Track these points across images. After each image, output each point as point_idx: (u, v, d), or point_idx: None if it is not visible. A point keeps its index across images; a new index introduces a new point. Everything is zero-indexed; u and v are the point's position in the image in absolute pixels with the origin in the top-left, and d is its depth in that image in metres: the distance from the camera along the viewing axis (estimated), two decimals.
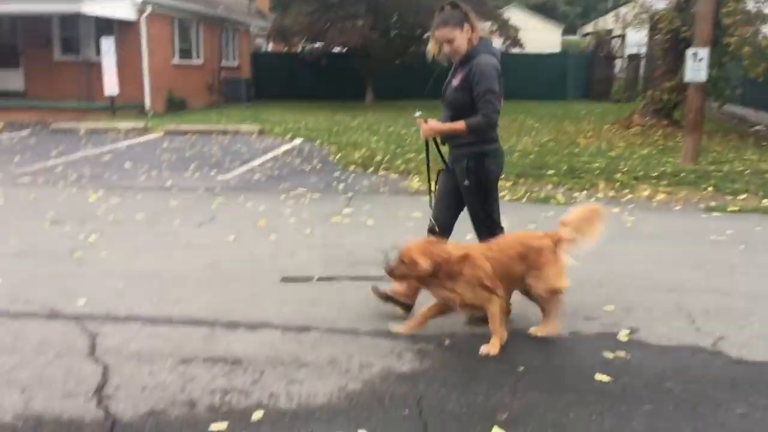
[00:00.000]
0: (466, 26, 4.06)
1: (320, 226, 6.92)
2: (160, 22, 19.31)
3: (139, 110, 18.52)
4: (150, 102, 18.73)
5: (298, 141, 13.80)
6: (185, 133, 14.81)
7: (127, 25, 18.23)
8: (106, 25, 17.95)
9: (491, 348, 3.77)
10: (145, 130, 15.17)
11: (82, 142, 13.37)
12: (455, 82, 4.16)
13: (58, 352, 3.74)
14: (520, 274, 3.97)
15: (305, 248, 6.05)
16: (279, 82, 25.27)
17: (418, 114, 4.34)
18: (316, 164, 11.03)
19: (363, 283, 4.88)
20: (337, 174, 10.17)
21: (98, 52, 17.39)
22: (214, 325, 4.18)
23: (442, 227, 4.40)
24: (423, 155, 5.49)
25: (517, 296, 4.60)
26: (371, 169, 10.54)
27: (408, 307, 4.32)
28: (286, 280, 5.08)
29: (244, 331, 4.10)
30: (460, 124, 4.09)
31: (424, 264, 3.72)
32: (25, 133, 14.82)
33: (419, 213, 7.42)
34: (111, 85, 16.92)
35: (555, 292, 3.97)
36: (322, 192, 8.79)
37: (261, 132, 14.91)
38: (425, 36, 22.94)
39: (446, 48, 4.12)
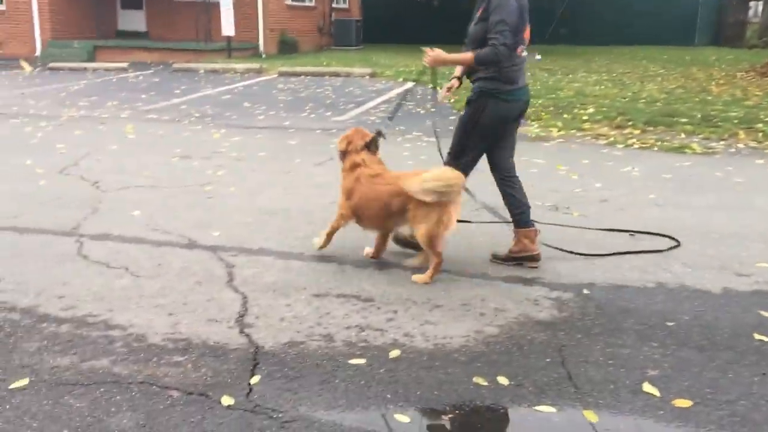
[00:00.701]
0: None
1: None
2: None
3: (252, 51, 18.85)
4: (263, 43, 19.00)
5: (410, 84, 13.60)
6: (299, 74, 14.94)
7: None
8: None
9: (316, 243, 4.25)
10: (260, 72, 15.43)
11: (202, 82, 13.77)
12: (476, 16, 3.97)
13: (199, 280, 3.86)
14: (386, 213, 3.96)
15: None
16: (387, 24, 24.93)
17: (538, 57, 4.14)
18: (429, 108, 10.84)
19: (491, 228, 4.75)
20: (452, 118, 9.94)
21: None
22: (343, 262, 4.18)
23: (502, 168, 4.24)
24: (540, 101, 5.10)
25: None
26: None
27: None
28: None
29: (374, 269, 4.08)
30: (468, 55, 3.87)
31: (339, 143, 4.27)
32: (148, 72, 15.42)
33: (542, 159, 7.16)
34: (228, 26, 17.24)
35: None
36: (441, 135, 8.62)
37: (372, 75, 14.82)
38: None
39: None
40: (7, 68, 16.05)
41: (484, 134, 4.05)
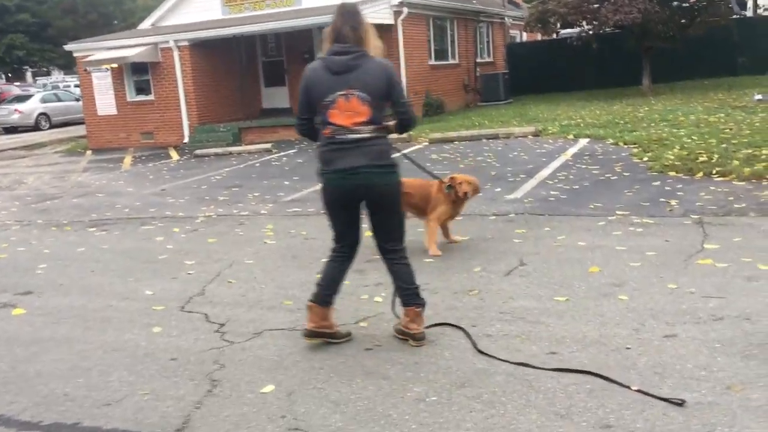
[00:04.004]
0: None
1: (684, 276, 4.76)
2: (416, 22, 18.33)
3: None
4: None
5: (584, 141, 11.60)
6: (452, 140, 13.38)
7: (383, 29, 17.47)
8: None
9: None
10: (408, 140, 14.05)
11: None
12: None
13: None
14: None
15: (687, 321, 3.96)
16: (534, 73, 22.83)
17: (758, 97, 2.27)
18: (621, 171, 8.79)
19: None
20: (656, 184, 7.85)
21: None
22: None
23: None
24: None
25: None
26: (699, 174, 8.06)
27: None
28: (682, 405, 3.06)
29: None
30: None
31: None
32: (292, 151, 14.54)
33: None
34: None
35: None
36: (652, 213, 6.58)
37: (536, 134, 12.94)
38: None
39: None
40: (157, 158, 15.87)
41: (327, 208, 4.03)
